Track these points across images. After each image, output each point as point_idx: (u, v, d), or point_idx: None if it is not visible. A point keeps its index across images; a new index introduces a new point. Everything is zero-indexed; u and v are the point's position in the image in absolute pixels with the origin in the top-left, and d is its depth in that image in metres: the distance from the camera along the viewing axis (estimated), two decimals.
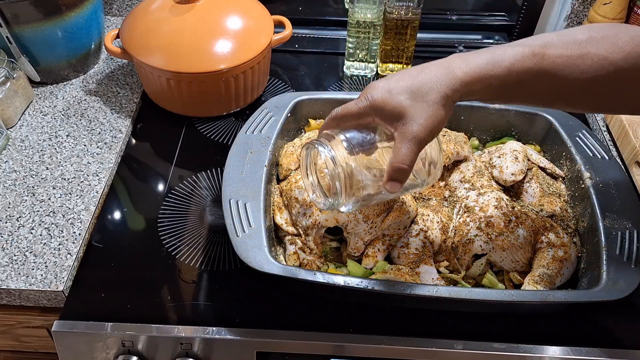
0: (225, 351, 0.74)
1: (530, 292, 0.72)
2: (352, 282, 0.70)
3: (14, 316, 0.85)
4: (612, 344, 0.74)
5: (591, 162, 0.85)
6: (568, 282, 0.78)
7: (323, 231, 0.78)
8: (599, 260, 0.74)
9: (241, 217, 0.75)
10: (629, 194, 0.81)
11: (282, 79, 1.15)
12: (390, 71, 1.15)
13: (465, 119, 0.94)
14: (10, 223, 0.85)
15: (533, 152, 0.90)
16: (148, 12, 1.00)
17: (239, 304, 0.77)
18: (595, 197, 0.80)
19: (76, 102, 1.06)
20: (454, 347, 0.73)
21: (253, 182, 0.79)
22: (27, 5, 0.95)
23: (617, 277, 0.71)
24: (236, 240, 0.73)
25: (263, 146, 0.84)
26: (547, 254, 0.77)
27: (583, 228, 0.81)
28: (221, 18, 0.98)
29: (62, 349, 0.75)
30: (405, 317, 0.76)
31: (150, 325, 0.74)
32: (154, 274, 0.81)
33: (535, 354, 0.72)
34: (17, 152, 0.96)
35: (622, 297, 0.69)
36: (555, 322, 0.76)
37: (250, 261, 0.70)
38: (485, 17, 1.31)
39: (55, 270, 0.79)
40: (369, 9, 1.05)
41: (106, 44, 1.01)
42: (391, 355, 0.73)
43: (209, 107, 1.04)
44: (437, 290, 0.69)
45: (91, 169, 0.94)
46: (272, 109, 0.90)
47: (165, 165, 0.97)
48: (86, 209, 0.88)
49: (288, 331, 0.74)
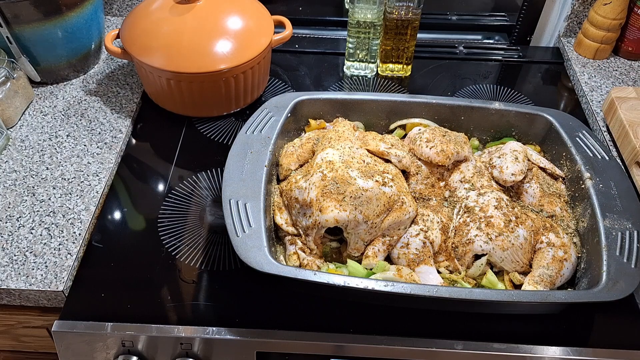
0: (225, 351, 0.74)
1: (530, 292, 0.72)
2: (352, 282, 0.70)
3: (14, 316, 0.85)
4: (612, 344, 0.74)
5: (591, 162, 0.85)
6: (568, 283, 0.78)
7: (323, 231, 0.78)
8: (599, 260, 0.74)
9: (241, 217, 0.75)
10: (629, 194, 0.81)
11: (282, 79, 1.15)
12: (390, 71, 1.15)
13: (465, 119, 0.94)
14: (10, 223, 0.85)
15: (533, 152, 0.90)
16: (148, 12, 1.00)
17: (239, 304, 0.77)
18: (596, 197, 0.80)
19: (76, 102, 1.06)
20: (454, 347, 0.73)
21: (253, 182, 0.79)
22: (27, 5, 0.95)
23: (617, 278, 0.71)
24: (236, 240, 0.73)
25: (263, 146, 0.84)
26: (547, 254, 0.77)
27: (583, 228, 0.81)
28: (221, 18, 0.98)
29: (62, 349, 0.75)
30: (405, 317, 0.76)
31: (150, 325, 0.74)
32: (154, 274, 0.81)
33: (535, 354, 0.72)
34: (17, 152, 0.96)
35: (622, 298, 0.69)
36: (555, 322, 0.76)
37: (250, 261, 0.70)
38: (485, 17, 1.31)
39: (55, 270, 0.79)
40: (369, 9, 1.05)
41: (106, 44, 1.01)
42: (391, 355, 0.73)
43: (209, 107, 1.04)
44: (437, 291, 0.69)
45: (91, 169, 0.94)
46: (272, 109, 0.90)
47: (166, 165, 0.97)
48: (86, 209, 0.88)
49: (288, 331, 0.74)
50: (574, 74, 1.17)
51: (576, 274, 0.79)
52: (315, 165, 0.81)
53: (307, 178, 0.80)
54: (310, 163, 0.84)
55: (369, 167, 0.81)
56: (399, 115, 0.95)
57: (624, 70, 1.17)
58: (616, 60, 1.20)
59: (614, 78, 1.15)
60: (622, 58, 1.20)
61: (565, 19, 1.23)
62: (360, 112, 0.95)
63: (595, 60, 1.19)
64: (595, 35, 1.16)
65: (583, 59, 1.20)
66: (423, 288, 0.70)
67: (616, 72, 1.17)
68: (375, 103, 0.95)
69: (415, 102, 0.94)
